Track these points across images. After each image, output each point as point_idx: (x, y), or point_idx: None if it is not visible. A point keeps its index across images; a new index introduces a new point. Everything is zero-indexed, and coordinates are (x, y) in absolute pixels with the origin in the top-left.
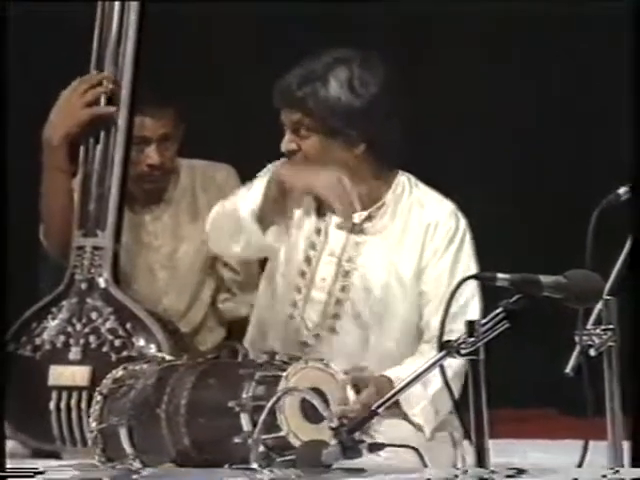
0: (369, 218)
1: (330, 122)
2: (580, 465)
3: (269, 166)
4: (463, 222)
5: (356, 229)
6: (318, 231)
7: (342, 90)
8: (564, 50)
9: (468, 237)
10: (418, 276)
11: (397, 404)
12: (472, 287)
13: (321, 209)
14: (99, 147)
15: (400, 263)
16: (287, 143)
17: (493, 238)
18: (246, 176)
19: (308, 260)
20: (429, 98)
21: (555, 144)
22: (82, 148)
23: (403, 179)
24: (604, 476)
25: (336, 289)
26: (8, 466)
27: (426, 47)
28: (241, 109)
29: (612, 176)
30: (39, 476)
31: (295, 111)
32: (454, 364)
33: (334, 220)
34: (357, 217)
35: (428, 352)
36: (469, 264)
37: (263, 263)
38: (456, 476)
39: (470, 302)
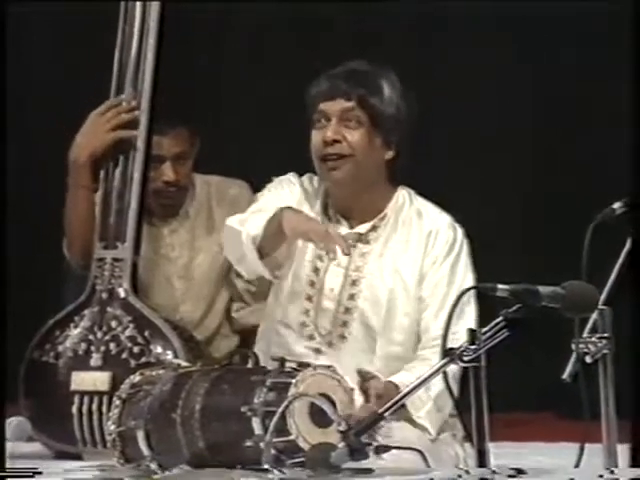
0: (373, 228)
1: (381, 120)
2: (577, 466)
3: (284, 177)
4: (461, 233)
5: (362, 239)
6: None
7: (393, 93)
8: (564, 51)
9: (466, 248)
10: (419, 283)
11: (403, 407)
12: (468, 294)
13: (326, 224)
14: (119, 165)
15: (404, 270)
16: (333, 133)
17: (493, 247)
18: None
19: (316, 270)
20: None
21: (556, 151)
22: (103, 166)
23: (403, 192)
24: (601, 476)
25: (344, 298)
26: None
27: (426, 46)
28: (254, 125)
29: (614, 184)
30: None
31: (350, 100)
32: (453, 368)
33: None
34: (363, 228)
35: (429, 357)
36: (466, 273)
37: None
38: (459, 476)
39: (466, 307)
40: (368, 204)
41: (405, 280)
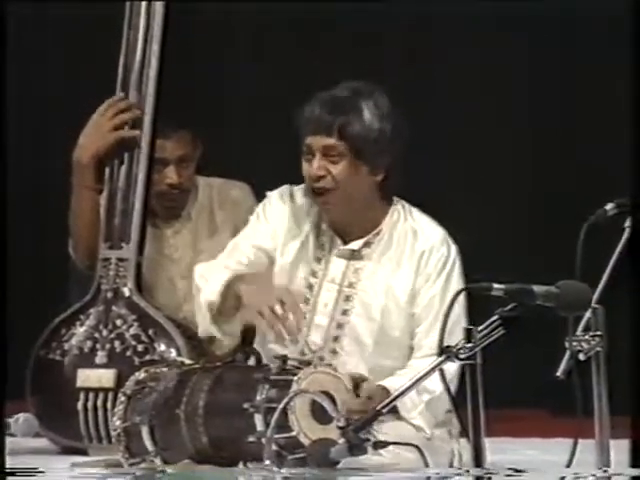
0: (367, 244)
1: (363, 148)
2: (569, 462)
3: (275, 193)
4: (454, 249)
5: (356, 256)
6: (318, 259)
7: (374, 118)
8: (564, 51)
9: (458, 263)
10: (411, 299)
11: (395, 410)
12: (461, 309)
13: (320, 239)
14: (124, 167)
15: (397, 287)
16: (316, 170)
17: (492, 247)
18: (260, 193)
19: (310, 287)
20: (428, 99)
21: (556, 151)
22: (108, 168)
23: (398, 207)
24: (594, 475)
25: (337, 313)
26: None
27: (425, 47)
28: (255, 127)
29: (614, 184)
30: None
31: (329, 137)
32: (450, 369)
33: (334, 250)
34: (356, 244)
35: (419, 366)
36: (458, 288)
37: None
38: (458, 474)
39: (458, 324)
40: (362, 221)
41: (398, 297)
